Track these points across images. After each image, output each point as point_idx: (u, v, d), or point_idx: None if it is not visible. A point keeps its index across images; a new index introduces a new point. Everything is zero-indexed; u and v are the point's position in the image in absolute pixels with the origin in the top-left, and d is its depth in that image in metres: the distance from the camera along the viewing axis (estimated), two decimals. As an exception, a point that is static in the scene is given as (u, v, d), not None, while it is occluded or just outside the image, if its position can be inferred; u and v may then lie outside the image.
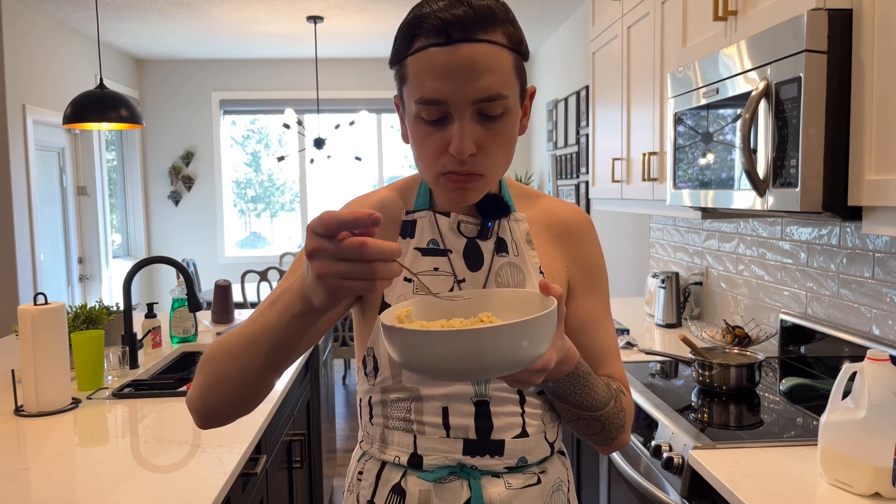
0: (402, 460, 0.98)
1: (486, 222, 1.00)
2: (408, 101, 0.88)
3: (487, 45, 0.83)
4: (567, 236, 1.04)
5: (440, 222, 1.00)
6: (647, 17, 2.46)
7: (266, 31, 5.38)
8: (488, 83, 0.83)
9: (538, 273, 1.00)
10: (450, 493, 0.96)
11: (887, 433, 1.19)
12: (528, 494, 0.98)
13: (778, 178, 1.46)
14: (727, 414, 1.71)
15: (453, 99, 0.83)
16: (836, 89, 1.34)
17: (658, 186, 2.39)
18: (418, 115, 0.87)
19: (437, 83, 0.83)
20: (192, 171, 6.59)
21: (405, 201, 1.03)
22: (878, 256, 1.79)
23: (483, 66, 0.82)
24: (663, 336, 2.61)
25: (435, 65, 0.83)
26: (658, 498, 1.56)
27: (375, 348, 0.98)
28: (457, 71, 0.82)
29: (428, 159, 0.88)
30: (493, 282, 0.98)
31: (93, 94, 3.07)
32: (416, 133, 0.89)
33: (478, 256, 0.99)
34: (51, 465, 1.42)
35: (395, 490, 0.98)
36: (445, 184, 0.89)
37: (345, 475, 3.69)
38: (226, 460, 1.44)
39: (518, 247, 1.00)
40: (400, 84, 0.90)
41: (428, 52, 0.83)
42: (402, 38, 0.87)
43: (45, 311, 1.75)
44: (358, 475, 1.03)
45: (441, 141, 0.86)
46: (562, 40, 5.26)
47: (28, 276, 4.43)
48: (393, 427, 0.99)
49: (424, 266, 0.98)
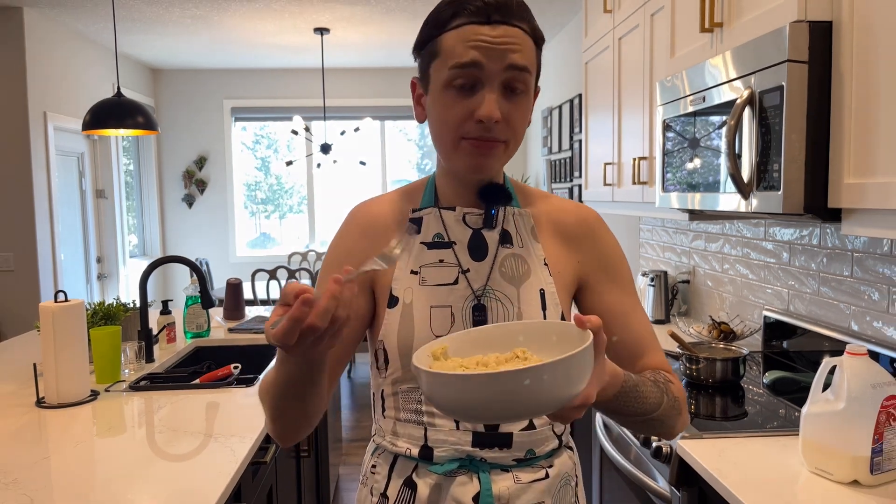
0: (413, 452, 0.96)
1: (489, 209, 0.98)
2: (437, 72, 0.90)
3: (519, 30, 0.88)
4: (579, 234, 1.02)
5: (445, 217, 0.99)
6: (637, 29, 2.46)
7: (275, 42, 5.38)
8: (518, 58, 0.88)
9: (542, 265, 0.98)
10: (459, 486, 0.94)
11: (865, 424, 1.19)
12: (536, 489, 0.96)
13: (761, 182, 1.46)
14: (713, 406, 1.71)
15: (489, 65, 0.87)
16: (817, 97, 1.34)
17: (647, 190, 2.39)
18: (449, 83, 0.89)
19: (475, 51, 0.87)
20: (204, 175, 6.58)
21: (412, 202, 1.02)
22: (857, 256, 1.79)
23: (517, 45, 0.88)
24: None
25: (474, 37, 0.87)
26: (648, 485, 1.56)
27: (386, 341, 0.97)
28: (494, 44, 0.86)
29: (452, 123, 0.90)
30: (497, 271, 0.97)
31: (110, 102, 3.07)
32: (441, 100, 0.90)
33: (483, 247, 0.98)
34: (70, 455, 1.42)
35: (407, 483, 0.97)
36: (467, 147, 0.90)
37: (350, 464, 3.70)
38: (237, 449, 1.44)
39: (522, 239, 0.99)
40: (428, 60, 0.92)
41: (469, 27, 0.87)
42: (437, 19, 0.90)
43: (65, 307, 1.75)
44: (372, 468, 1.02)
45: (467, 108, 0.88)
46: (556, 51, 5.26)
47: (49, 275, 4.43)
48: (405, 420, 0.97)
49: (430, 259, 0.97)
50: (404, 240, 0.99)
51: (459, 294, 0.95)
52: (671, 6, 2.09)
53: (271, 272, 4.86)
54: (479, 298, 0.95)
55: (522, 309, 0.95)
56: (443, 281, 0.96)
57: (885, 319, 1.69)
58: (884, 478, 1.21)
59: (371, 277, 0.98)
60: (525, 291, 0.96)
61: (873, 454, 1.19)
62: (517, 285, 0.96)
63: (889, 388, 1.20)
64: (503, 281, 0.96)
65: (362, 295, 0.98)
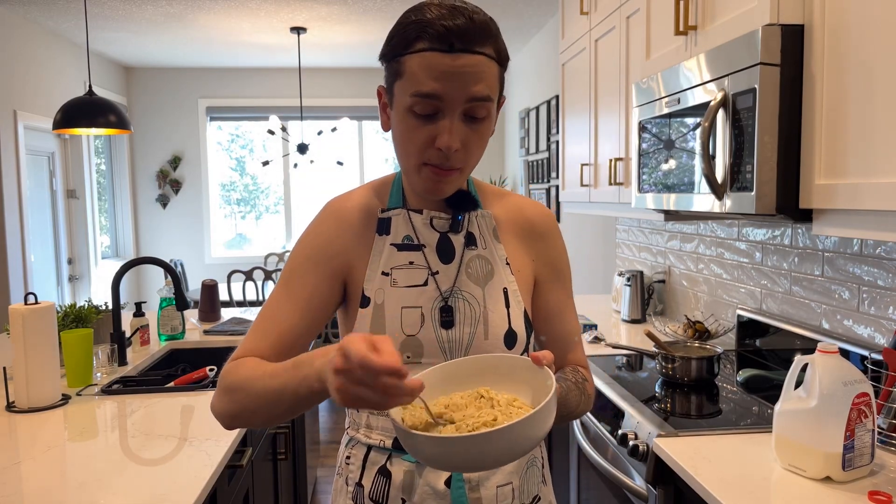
0: (386, 444, 1.00)
1: (456, 215, 1.03)
2: (400, 94, 0.91)
3: (482, 57, 0.88)
4: (533, 234, 1.08)
5: (413, 219, 1.02)
6: (613, 31, 2.48)
7: (251, 41, 5.33)
8: (479, 88, 0.88)
9: (504, 265, 1.04)
10: (432, 472, 0.98)
11: (837, 421, 1.21)
12: (504, 470, 1.00)
13: (735, 183, 1.47)
14: (688, 404, 1.73)
15: (449, 97, 0.87)
16: (789, 100, 1.37)
17: (624, 190, 2.41)
18: (410, 108, 0.89)
19: (435, 83, 0.87)
20: (179, 175, 6.50)
21: (380, 200, 1.05)
22: (828, 256, 1.83)
23: (478, 75, 0.88)
24: (629, 331, 2.63)
25: (436, 67, 0.87)
26: (625, 483, 1.58)
27: None
28: (455, 75, 0.87)
29: (413, 149, 0.91)
30: (464, 273, 1.01)
31: (82, 100, 3.01)
32: (403, 124, 0.91)
33: (450, 250, 1.02)
34: (42, 460, 1.40)
35: (381, 472, 1.00)
36: (427, 174, 0.93)
37: (328, 465, 3.68)
38: (212, 453, 1.43)
39: (486, 240, 1.04)
40: (392, 77, 0.92)
41: (431, 54, 0.87)
42: (401, 36, 0.89)
43: (35, 310, 1.72)
44: (346, 459, 1.05)
45: (428, 134, 0.90)
46: (534, 52, 5.28)
47: (19, 277, 4.34)
48: (378, 413, 1.00)
49: (400, 260, 1.00)
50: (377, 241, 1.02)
51: (429, 295, 0.99)
52: (646, 9, 2.11)
53: (247, 273, 4.81)
54: (446, 300, 0.99)
55: (489, 308, 1.00)
56: (413, 282, 0.99)
57: (856, 318, 1.72)
58: (855, 473, 1.23)
59: (344, 270, 1.01)
60: (490, 291, 1.01)
61: (845, 451, 1.21)
62: (482, 285, 1.01)
63: (860, 385, 1.22)
64: (469, 282, 1.01)
65: (334, 282, 1.00)
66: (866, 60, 1.18)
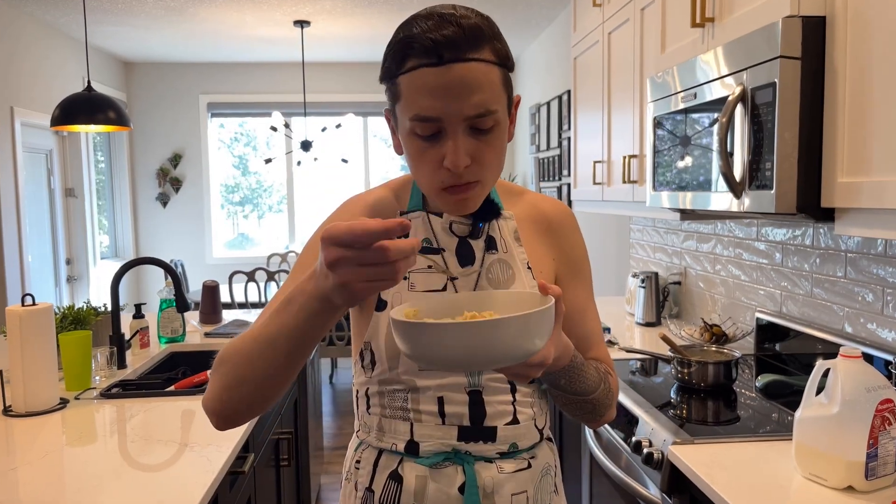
0: (399, 447, 1.00)
1: (477, 223, 1.02)
2: (401, 117, 0.89)
3: (477, 64, 0.84)
4: (552, 231, 1.08)
5: (433, 222, 1.02)
6: (626, 24, 2.47)
7: (253, 35, 5.35)
8: (479, 100, 0.85)
9: (525, 268, 1.03)
10: (445, 478, 0.98)
11: (860, 428, 1.20)
12: (519, 478, 1.01)
13: (754, 181, 1.47)
14: (705, 410, 1.72)
15: (447, 116, 0.85)
16: (810, 94, 1.36)
17: (638, 188, 2.41)
18: (412, 131, 0.88)
19: (430, 101, 0.84)
20: (179, 173, 6.53)
21: (399, 201, 1.05)
22: (850, 256, 1.81)
23: (474, 85, 0.84)
24: (643, 334, 2.62)
25: (428, 84, 0.84)
26: (638, 492, 1.57)
27: (373, 342, 1.00)
28: (449, 90, 0.83)
29: (427, 174, 0.90)
30: (485, 278, 1.01)
31: (80, 96, 3.03)
32: (411, 148, 0.90)
33: (469, 254, 1.02)
34: (39, 465, 1.41)
35: (393, 476, 1.00)
36: (447, 198, 0.92)
37: (332, 472, 3.68)
38: (214, 459, 1.43)
39: (507, 244, 1.03)
40: (393, 100, 0.91)
41: (421, 71, 0.84)
42: (392, 57, 0.87)
43: (32, 311, 1.73)
44: (356, 464, 1.05)
45: (436, 155, 0.88)
46: (544, 45, 5.28)
47: (16, 278, 4.37)
48: (390, 416, 1.01)
49: (419, 264, 1.00)
50: None
51: None
52: (662, 0, 2.10)
53: (249, 274, 4.83)
54: None
55: None
56: (431, 287, 0.99)
57: (880, 321, 1.71)
58: (879, 483, 1.23)
59: None
60: None
61: (868, 459, 1.20)
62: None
63: (884, 391, 1.21)
64: (490, 287, 1.01)
65: None
66: (891, 53, 1.17)
